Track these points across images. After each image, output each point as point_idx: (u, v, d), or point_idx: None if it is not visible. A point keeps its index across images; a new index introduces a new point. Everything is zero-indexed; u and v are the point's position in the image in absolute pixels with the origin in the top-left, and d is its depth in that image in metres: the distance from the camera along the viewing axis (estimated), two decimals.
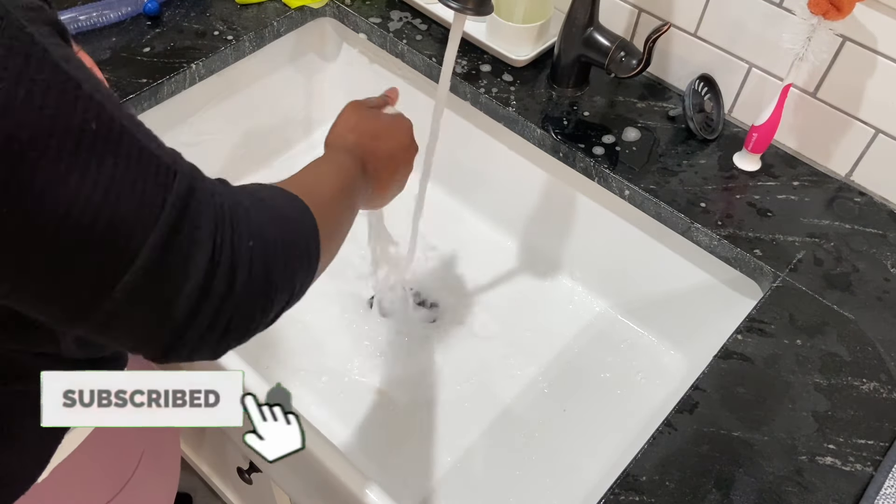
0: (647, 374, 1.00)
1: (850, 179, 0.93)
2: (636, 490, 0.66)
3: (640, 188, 0.90)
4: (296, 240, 0.50)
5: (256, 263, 0.45)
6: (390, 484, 0.89)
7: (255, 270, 0.45)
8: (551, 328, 1.05)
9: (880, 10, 0.80)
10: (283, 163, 1.21)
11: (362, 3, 1.12)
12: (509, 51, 1.02)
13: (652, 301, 1.02)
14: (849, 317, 0.80)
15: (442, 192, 1.17)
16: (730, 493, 0.66)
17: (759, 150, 0.92)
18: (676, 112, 0.98)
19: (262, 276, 0.46)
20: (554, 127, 0.97)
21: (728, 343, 0.77)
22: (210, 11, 1.07)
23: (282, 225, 0.49)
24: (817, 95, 0.90)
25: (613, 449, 0.92)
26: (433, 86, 1.05)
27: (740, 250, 0.85)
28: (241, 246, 0.44)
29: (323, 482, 0.72)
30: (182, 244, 0.41)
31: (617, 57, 0.93)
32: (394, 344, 1.03)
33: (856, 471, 0.68)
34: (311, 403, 0.96)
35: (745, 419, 0.71)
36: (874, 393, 0.74)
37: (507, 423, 0.96)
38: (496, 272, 1.11)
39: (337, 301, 1.06)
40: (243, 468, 0.98)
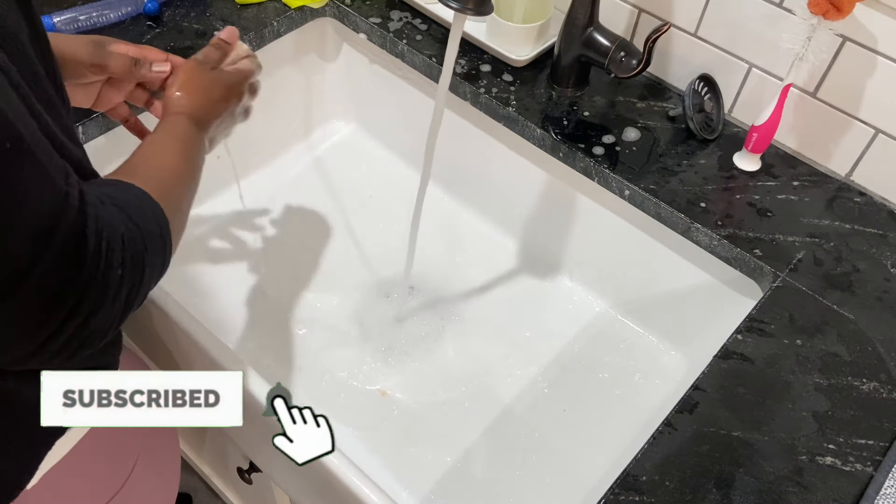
0: (647, 374, 1.00)
1: (850, 179, 0.93)
2: (636, 490, 0.66)
3: (640, 188, 0.90)
4: (154, 234, 0.53)
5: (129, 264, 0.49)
6: (390, 484, 0.90)
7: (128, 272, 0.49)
8: (551, 328, 1.05)
9: (880, 10, 0.80)
10: (283, 163, 1.21)
11: (362, 3, 1.12)
12: (509, 51, 1.02)
13: (652, 301, 1.02)
14: (849, 317, 0.80)
15: (442, 192, 1.17)
16: (730, 493, 0.66)
17: (759, 150, 0.92)
18: (676, 112, 0.98)
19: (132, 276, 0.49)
20: (554, 127, 0.97)
21: (728, 343, 0.77)
22: (210, 11, 1.07)
23: (141, 226, 0.52)
24: (817, 95, 0.90)
25: (613, 449, 0.92)
26: (433, 86, 1.05)
27: (740, 250, 0.85)
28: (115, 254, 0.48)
29: (323, 482, 0.72)
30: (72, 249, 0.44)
31: (617, 57, 0.93)
32: (394, 344, 1.03)
33: (856, 471, 0.68)
34: (311, 403, 0.96)
35: (745, 419, 0.71)
36: (874, 393, 0.74)
37: (507, 423, 0.96)
38: (496, 272, 1.11)
39: (337, 301, 1.06)
40: (243, 468, 0.98)
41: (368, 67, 1.17)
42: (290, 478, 0.88)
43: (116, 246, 0.47)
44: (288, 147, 1.23)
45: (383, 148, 1.25)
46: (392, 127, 1.22)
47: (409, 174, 1.19)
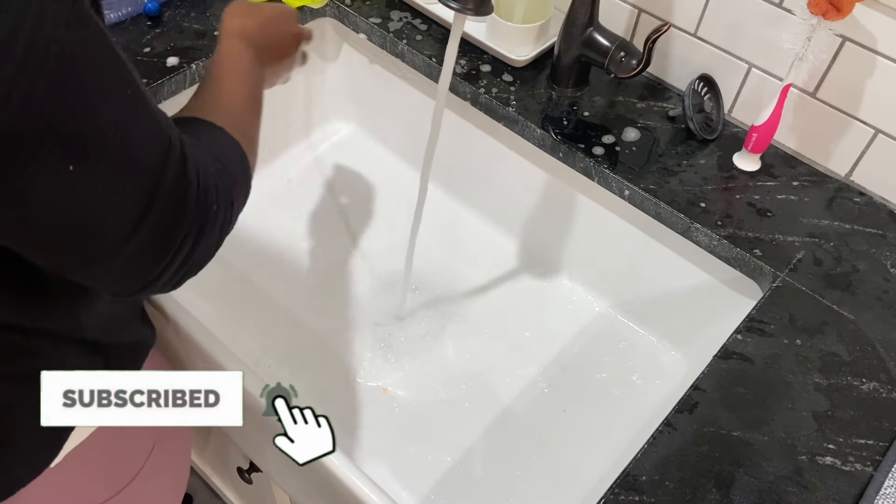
0: (647, 374, 1.00)
1: (849, 179, 0.93)
2: (636, 490, 0.66)
3: (640, 188, 0.90)
4: (237, 171, 0.58)
5: (222, 199, 0.53)
6: (390, 484, 0.90)
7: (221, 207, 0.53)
8: (551, 328, 1.05)
9: (880, 10, 0.80)
10: (283, 163, 1.21)
11: (362, 3, 1.12)
12: (509, 51, 1.02)
13: (652, 301, 1.02)
14: (849, 317, 0.80)
15: (442, 192, 1.17)
16: (730, 493, 0.66)
17: (758, 150, 0.92)
18: (676, 112, 0.98)
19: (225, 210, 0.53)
20: (554, 127, 0.97)
21: (728, 343, 0.77)
22: (210, 11, 1.07)
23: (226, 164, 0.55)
24: (817, 95, 0.90)
25: (613, 449, 0.92)
26: (433, 86, 1.05)
27: (740, 250, 0.85)
28: (211, 192, 0.51)
29: (323, 482, 0.72)
30: (181, 192, 0.48)
31: (617, 57, 0.93)
32: (394, 344, 1.03)
33: (856, 471, 0.68)
34: (312, 402, 0.96)
35: (745, 419, 0.71)
36: (874, 393, 0.74)
37: (507, 423, 0.96)
38: (496, 272, 1.11)
39: (338, 301, 1.06)
40: (243, 468, 0.98)
41: (368, 67, 1.17)
42: (290, 478, 0.88)
43: (210, 184, 0.51)
44: (288, 147, 1.23)
45: (383, 148, 1.25)
46: (392, 127, 1.22)
47: (409, 174, 1.19)
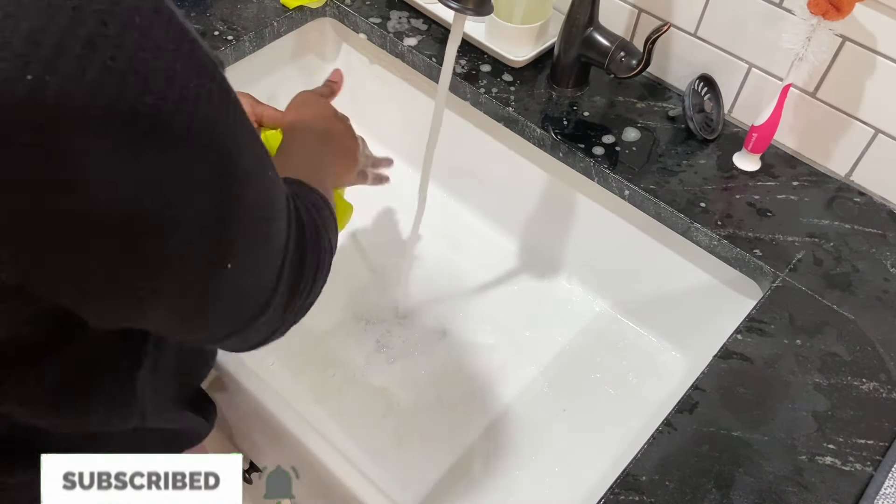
0: (647, 373, 1.00)
1: (849, 179, 0.93)
2: (636, 490, 0.66)
3: (640, 188, 0.90)
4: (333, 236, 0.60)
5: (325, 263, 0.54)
6: (390, 484, 0.90)
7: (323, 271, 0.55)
8: (551, 328, 1.05)
9: (880, 10, 0.80)
10: None
11: (362, 3, 1.12)
12: (509, 51, 1.02)
13: (651, 301, 1.02)
14: (848, 317, 0.80)
15: (442, 192, 1.17)
16: (730, 493, 0.66)
17: (758, 150, 0.92)
18: (676, 112, 0.98)
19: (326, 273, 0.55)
20: (554, 127, 0.97)
21: (728, 343, 0.77)
22: (210, 11, 1.07)
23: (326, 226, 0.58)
24: (817, 95, 0.90)
25: (613, 449, 0.92)
26: (433, 86, 1.05)
27: (740, 250, 0.85)
28: (324, 254, 0.54)
29: (323, 482, 0.72)
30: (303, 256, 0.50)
31: (617, 57, 0.93)
32: (394, 344, 1.03)
33: (856, 470, 0.68)
34: (311, 402, 0.96)
35: (745, 419, 0.71)
36: (874, 393, 0.74)
37: (507, 423, 0.96)
38: (496, 272, 1.11)
39: (338, 301, 1.06)
40: (243, 468, 0.98)
41: (368, 67, 1.17)
42: None
43: (312, 237, 0.53)
44: None
45: (383, 148, 1.24)
46: (392, 127, 1.22)
47: (409, 174, 1.19)
